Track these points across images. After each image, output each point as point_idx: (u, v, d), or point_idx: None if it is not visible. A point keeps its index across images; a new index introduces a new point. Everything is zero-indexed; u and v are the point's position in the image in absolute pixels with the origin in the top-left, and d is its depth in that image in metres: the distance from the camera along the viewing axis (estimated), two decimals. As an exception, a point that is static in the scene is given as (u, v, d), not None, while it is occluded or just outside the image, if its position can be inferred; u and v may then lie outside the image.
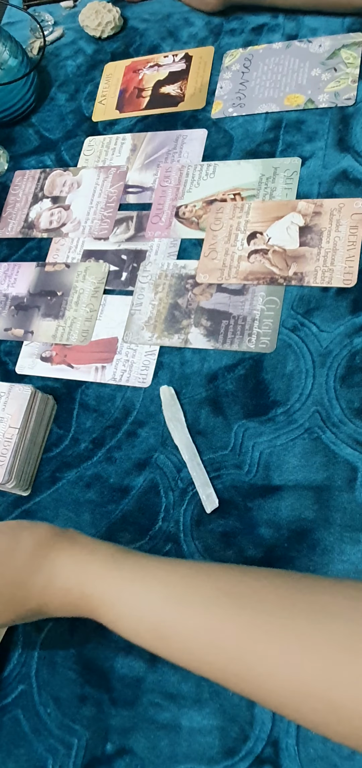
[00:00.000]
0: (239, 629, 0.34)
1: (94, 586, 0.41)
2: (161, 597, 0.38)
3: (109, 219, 0.71)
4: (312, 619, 0.32)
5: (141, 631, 0.38)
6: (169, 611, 0.37)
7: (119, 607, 0.39)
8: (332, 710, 0.30)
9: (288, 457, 0.52)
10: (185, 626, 0.36)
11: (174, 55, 0.79)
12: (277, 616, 0.33)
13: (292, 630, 0.32)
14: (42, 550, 0.43)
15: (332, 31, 0.71)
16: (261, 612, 0.34)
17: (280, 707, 0.33)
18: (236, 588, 0.36)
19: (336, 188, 0.62)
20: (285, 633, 0.32)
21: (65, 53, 0.87)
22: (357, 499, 0.49)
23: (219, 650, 0.35)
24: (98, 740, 0.48)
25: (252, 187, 0.65)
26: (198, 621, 0.36)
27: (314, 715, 0.31)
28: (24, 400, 0.59)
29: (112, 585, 0.40)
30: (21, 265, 0.72)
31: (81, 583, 0.41)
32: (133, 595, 0.39)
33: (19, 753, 0.49)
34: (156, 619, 0.37)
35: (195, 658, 0.36)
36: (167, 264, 0.65)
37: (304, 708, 0.31)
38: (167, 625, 0.37)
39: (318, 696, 0.30)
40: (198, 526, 0.52)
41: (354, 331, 0.55)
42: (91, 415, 0.61)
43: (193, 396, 0.58)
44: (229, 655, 0.34)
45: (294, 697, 0.31)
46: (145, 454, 0.57)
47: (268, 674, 0.32)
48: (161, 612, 0.37)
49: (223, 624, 0.35)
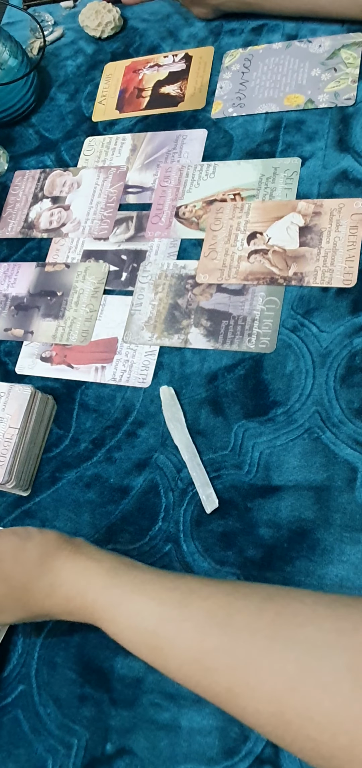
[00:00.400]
0: (230, 661, 0.35)
1: (95, 597, 0.42)
2: (157, 615, 0.39)
3: (109, 219, 0.71)
4: (302, 659, 0.32)
5: (139, 645, 0.40)
6: (164, 630, 0.38)
7: (118, 619, 0.41)
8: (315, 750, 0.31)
9: (288, 458, 0.52)
10: (179, 647, 0.37)
11: (174, 55, 0.79)
12: (267, 650, 0.33)
13: (282, 668, 0.33)
14: (48, 557, 0.44)
15: (332, 31, 0.71)
16: (253, 645, 0.34)
17: (267, 734, 0.34)
18: (230, 616, 0.36)
19: (336, 188, 0.62)
20: (275, 671, 0.33)
21: (65, 53, 0.87)
22: (357, 499, 0.49)
23: (210, 676, 0.36)
24: (98, 740, 0.48)
25: (252, 187, 0.65)
26: (191, 645, 0.37)
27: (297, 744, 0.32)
28: (24, 400, 0.59)
29: (112, 597, 0.41)
30: (21, 265, 0.72)
31: (83, 593, 0.42)
32: (130, 609, 0.40)
33: (19, 753, 0.49)
34: (151, 636, 0.39)
35: (188, 680, 0.37)
36: (167, 264, 0.65)
37: (289, 740, 0.32)
38: (162, 642, 0.38)
39: (301, 733, 0.31)
40: (198, 526, 0.52)
41: (354, 331, 0.55)
42: (90, 415, 0.61)
43: (193, 396, 0.58)
44: (220, 684, 0.35)
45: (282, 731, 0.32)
46: (145, 454, 0.57)
47: (256, 709, 0.33)
48: (157, 629, 0.38)
49: (215, 653, 0.35)
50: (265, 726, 0.33)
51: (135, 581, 0.41)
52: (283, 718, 0.32)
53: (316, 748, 0.31)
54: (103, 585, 0.42)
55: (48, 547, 0.45)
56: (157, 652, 0.38)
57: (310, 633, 0.33)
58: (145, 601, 0.40)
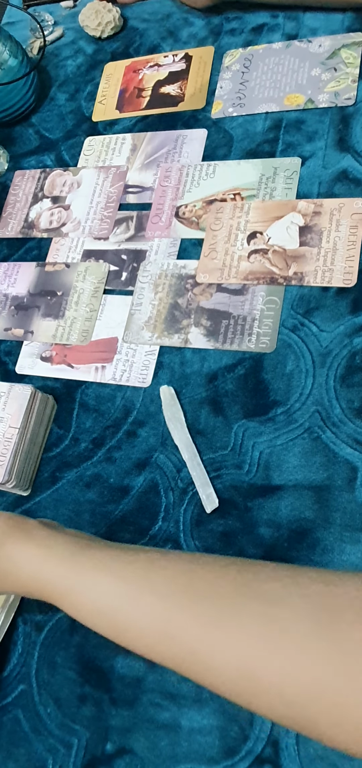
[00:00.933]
0: (193, 623, 0.35)
1: (49, 580, 0.42)
2: (116, 591, 0.38)
3: (109, 219, 0.71)
4: (261, 610, 0.32)
5: (97, 622, 0.39)
6: (122, 604, 0.38)
7: (76, 599, 0.40)
8: (280, 698, 0.31)
9: (288, 457, 0.52)
10: (140, 617, 0.37)
11: (174, 55, 0.79)
12: (229, 607, 0.34)
13: (243, 622, 0.33)
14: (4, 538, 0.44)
15: (332, 31, 0.71)
16: (214, 604, 0.34)
17: (233, 696, 0.33)
18: (191, 582, 0.36)
19: (336, 188, 0.62)
20: (237, 625, 0.33)
21: (65, 53, 0.87)
22: (357, 499, 0.49)
23: (172, 641, 0.35)
24: (98, 740, 0.48)
25: (252, 187, 0.65)
26: (152, 614, 0.36)
27: (264, 704, 0.32)
28: (24, 400, 0.59)
29: (68, 581, 0.41)
30: (21, 265, 0.72)
31: (37, 578, 0.42)
32: (89, 590, 0.40)
33: (19, 753, 0.49)
34: (113, 613, 0.38)
35: (150, 648, 0.37)
36: (167, 264, 0.65)
37: (255, 698, 0.32)
38: (123, 615, 0.38)
39: (266, 685, 0.31)
40: (198, 526, 0.52)
41: (354, 331, 0.55)
42: (91, 415, 0.61)
43: (193, 396, 0.58)
44: (182, 647, 0.35)
45: (246, 687, 0.32)
46: (145, 454, 0.57)
47: (219, 666, 0.33)
48: (117, 603, 0.38)
49: (177, 618, 0.35)
50: (231, 689, 0.33)
51: (92, 560, 0.41)
52: (249, 682, 0.32)
53: (280, 695, 0.31)
54: (57, 567, 0.41)
55: (9, 522, 0.45)
56: (120, 627, 0.38)
57: (271, 588, 0.33)
58: (103, 578, 0.39)
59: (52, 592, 0.41)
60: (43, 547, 0.43)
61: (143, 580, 0.38)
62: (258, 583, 0.34)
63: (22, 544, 0.44)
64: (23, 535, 0.44)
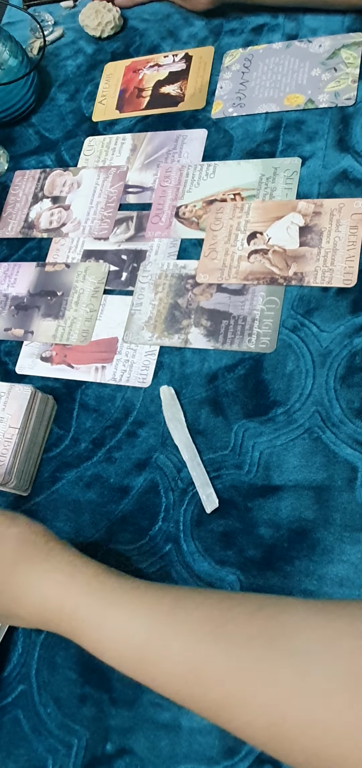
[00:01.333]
0: (224, 671, 0.34)
1: (75, 606, 0.39)
2: (145, 626, 0.37)
3: (109, 219, 0.71)
4: (294, 665, 0.32)
5: (123, 657, 0.37)
6: (153, 640, 0.36)
7: (102, 631, 0.38)
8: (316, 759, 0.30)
9: (288, 457, 0.52)
10: (168, 657, 0.35)
11: (174, 55, 0.79)
12: (261, 659, 0.33)
13: (276, 677, 0.32)
14: (29, 546, 0.42)
15: (332, 31, 0.71)
16: (246, 653, 0.33)
17: (265, 747, 0.33)
18: (223, 626, 0.35)
19: (336, 188, 0.62)
20: (269, 678, 0.32)
21: (65, 53, 0.87)
22: (357, 499, 0.49)
23: (201, 687, 0.34)
24: (98, 740, 0.48)
25: (252, 187, 0.65)
26: (181, 655, 0.35)
27: (298, 759, 0.31)
28: (24, 400, 0.59)
29: (95, 607, 0.39)
30: (21, 265, 0.72)
31: (61, 602, 0.39)
32: (117, 619, 0.38)
33: (19, 753, 0.49)
34: (139, 647, 0.36)
35: (178, 693, 0.36)
36: (167, 264, 0.65)
37: (285, 751, 0.32)
38: (150, 653, 0.36)
39: (299, 745, 0.31)
40: (198, 526, 0.52)
41: (354, 331, 0.55)
42: (91, 415, 0.61)
43: (193, 396, 0.58)
44: (213, 695, 0.34)
45: (278, 743, 0.32)
46: (145, 454, 0.57)
47: (250, 717, 0.33)
48: (145, 640, 0.36)
49: (208, 663, 0.34)
50: (260, 737, 0.32)
51: (121, 589, 0.39)
52: (279, 729, 0.31)
53: (313, 757, 0.30)
54: (85, 593, 0.39)
55: (33, 537, 0.43)
56: (145, 665, 0.36)
57: (303, 641, 0.32)
58: (132, 610, 0.37)
59: (73, 614, 0.39)
60: (71, 568, 0.40)
61: (172, 617, 0.36)
62: (289, 637, 0.33)
63: (55, 555, 0.41)
64: (58, 548, 0.41)
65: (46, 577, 0.41)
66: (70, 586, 0.40)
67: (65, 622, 0.40)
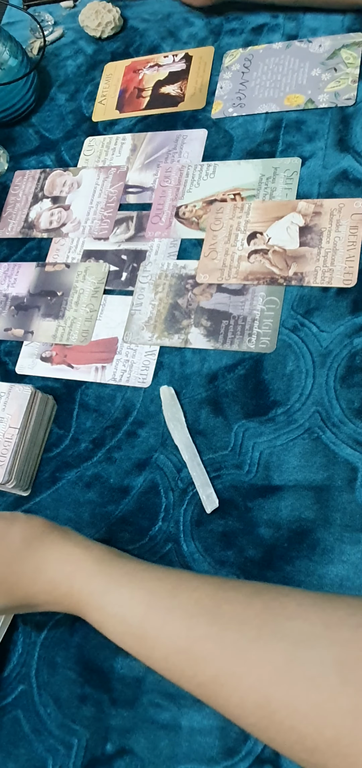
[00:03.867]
0: (218, 649, 0.35)
1: (82, 583, 0.41)
2: (145, 603, 0.38)
3: (109, 219, 0.71)
4: (287, 649, 0.32)
5: (125, 634, 0.39)
6: (152, 619, 0.38)
7: (105, 608, 0.40)
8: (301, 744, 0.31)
9: (288, 457, 0.52)
10: (166, 635, 0.37)
11: (174, 55, 0.79)
12: (255, 639, 0.33)
13: (268, 657, 0.32)
14: (35, 540, 0.44)
15: (332, 31, 0.71)
16: (240, 633, 0.34)
17: (252, 729, 0.33)
18: (219, 606, 0.36)
19: (336, 188, 0.62)
20: (261, 659, 0.33)
21: (65, 53, 0.87)
22: (357, 499, 0.49)
23: (197, 665, 0.35)
24: (98, 740, 0.48)
25: (252, 187, 0.65)
26: (179, 633, 0.36)
27: (284, 744, 0.32)
28: (24, 400, 0.59)
29: (100, 585, 0.41)
30: (21, 265, 0.72)
31: (70, 580, 0.42)
32: (119, 597, 0.40)
33: (19, 753, 0.49)
34: (139, 625, 0.38)
35: (174, 671, 0.37)
36: (167, 264, 0.65)
37: (275, 735, 0.32)
38: (149, 631, 0.38)
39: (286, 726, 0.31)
40: (198, 526, 0.52)
41: (354, 331, 0.55)
42: (91, 415, 0.61)
43: (193, 396, 0.58)
44: (207, 673, 0.35)
45: (266, 724, 0.32)
46: (145, 454, 0.57)
47: (240, 697, 0.33)
48: (144, 618, 0.38)
49: (203, 641, 0.35)
50: (249, 717, 0.33)
51: (123, 569, 0.41)
52: (268, 709, 0.32)
53: (300, 740, 0.31)
54: (90, 572, 0.41)
55: (34, 530, 0.45)
56: (143, 641, 0.38)
57: (297, 626, 0.33)
58: (134, 589, 0.40)
59: (80, 593, 0.41)
60: (80, 549, 0.43)
61: (172, 598, 0.38)
62: (284, 619, 0.33)
63: (60, 544, 0.44)
64: (62, 536, 0.44)
65: (52, 564, 0.43)
66: (75, 571, 0.42)
67: (73, 603, 0.42)
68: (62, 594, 0.42)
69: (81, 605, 0.41)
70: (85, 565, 0.42)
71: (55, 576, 0.43)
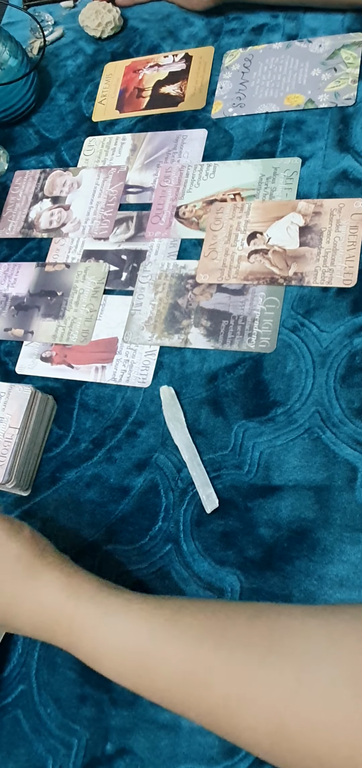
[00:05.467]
0: (225, 675, 0.33)
1: (71, 619, 0.39)
2: (146, 632, 0.37)
3: (109, 219, 0.71)
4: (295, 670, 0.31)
5: (123, 666, 0.38)
6: (153, 650, 0.36)
7: (101, 638, 0.38)
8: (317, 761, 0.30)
9: (288, 457, 0.52)
10: (170, 664, 0.35)
11: (174, 55, 0.79)
12: (262, 663, 0.32)
13: (277, 680, 0.32)
14: (32, 557, 0.42)
15: (332, 31, 0.71)
16: (246, 656, 0.33)
17: (266, 755, 0.33)
18: (222, 630, 0.35)
19: (336, 188, 0.62)
20: (269, 681, 0.32)
21: (65, 53, 0.87)
22: (357, 499, 0.49)
23: (203, 693, 0.34)
24: (98, 740, 0.48)
25: (252, 187, 0.66)
26: (183, 661, 0.35)
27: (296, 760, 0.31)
28: (24, 400, 0.59)
29: (95, 614, 0.39)
30: (21, 265, 0.72)
31: (62, 607, 0.40)
32: (116, 626, 0.38)
33: (19, 753, 0.49)
34: (139, 655, 0.36)
35: (179, 700, 0.36)
36: (167, 264, 0.65)
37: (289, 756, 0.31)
38: (151, 661, 0.36)
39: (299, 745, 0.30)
40: (198, 526, 0.52)
41: (354, 331, 0.55)
42: (91, 415, 0.61)
43: (193, 396, 0.58)
44: (214, 700, 0.34)
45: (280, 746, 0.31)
46: (145, 454, 0.57)
47: (252, 725, 0.32)
48: (145, 647, 0.36)
49: (209, 667, 0.34)
50: (263, 744, 0.32)
51: (118, 602, 0.39)
52: (283, 733, 0.31)
53: (317, 762, 0.30)
54: (85, 600, 0.39)
55: (33, 549, 0.43)
56: (144, 671, 0.36)
57: (303, 643, 0.32)
58: (132, 618, 0.38)
59: (73, 620, 0.39)
60: (76, 576, 0.41)
61: (173, 625, 0.36)
62: (290, 639, 0.33)
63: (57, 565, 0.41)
64: (60, 559, 0.42)
65: (43, 589, 0.41)
66: (67, 600, 0.40)
67: (61, 634, 0.40)
68: (51, 620, 0.40)
69: (72, 637, 0.39)
70: (80, 593, 0.40)
71: (45, 600, 0.40)
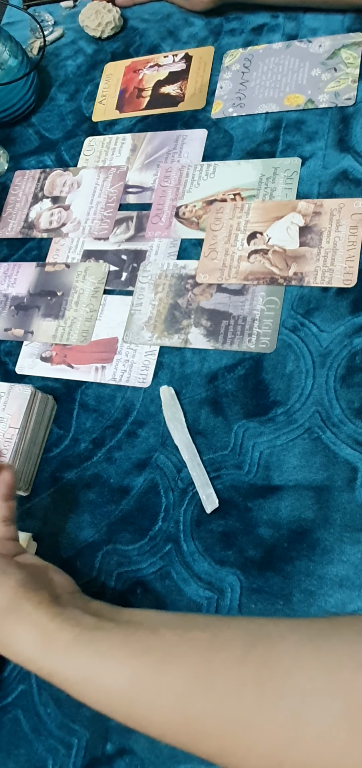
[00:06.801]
0: (218, 725, 0.32)
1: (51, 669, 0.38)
2: (130, 685, 0.35)
3: (109, 219, 0.71)
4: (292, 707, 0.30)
5: (112, 712, 0.37)
6: (141, 700, 0.35)
7: (84, 694, 0.37)
8: None
9: (288, 457, 0.52)
10: (158, 716, 0.34)
11: (174, 55, 0.79)
12: (256, 707, 0.31)
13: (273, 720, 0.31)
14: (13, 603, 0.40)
15: (332, 31, 0.71)
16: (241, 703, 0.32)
17: None
18: (211, 674, 0.33)
19: (336, 188, 0.62)
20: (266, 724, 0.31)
21: (65, 53, 0.87)
22: (357, 499, 0.49)
23: (198, 740, 0.33)
24: (98, 740, 0.48)
25: (252, 187, 0.65)
26: (172, 713, 0.34)
27: None
28: (24, 400, 0.59)
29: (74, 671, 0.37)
30: (21, 265, 0.72)
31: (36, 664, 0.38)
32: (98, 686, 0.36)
33: (19, 753, 0.49)
34: (128, 706, 0.36)
35: (175, 741, 0.35)
36: (167, 264, 0.65)
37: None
38: (140, 712, 0.35)
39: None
40: (198, 526, 0.52)
41: (354, 331, 0.55)
42: (91, 415, 0.61)
43: (193, 396, 0.58)
44: (209, 749, 0.33)
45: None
46: (145, 454, 0.57)
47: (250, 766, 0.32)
48: (131, 700, 0.35)
49: (200, 719, 0.33)
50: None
51: (103, 645, 0.37)
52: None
53: None
54: (62, 657, 0.37)
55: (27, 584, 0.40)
56: (137, 719, 0.36)
57: (297, 680, 0.31)
58: (116, 669, 0.36)
59: (52, 679, 0.38)
60: (44, 635, 0.38)
61: (160, 675, 0.35)
62: (283, 675, 0.31)
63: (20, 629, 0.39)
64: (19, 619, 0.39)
65: (16, 647, 0.39)
66: (42, 657, 0.38)
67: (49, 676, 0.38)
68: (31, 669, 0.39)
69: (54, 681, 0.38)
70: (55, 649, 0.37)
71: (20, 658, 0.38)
